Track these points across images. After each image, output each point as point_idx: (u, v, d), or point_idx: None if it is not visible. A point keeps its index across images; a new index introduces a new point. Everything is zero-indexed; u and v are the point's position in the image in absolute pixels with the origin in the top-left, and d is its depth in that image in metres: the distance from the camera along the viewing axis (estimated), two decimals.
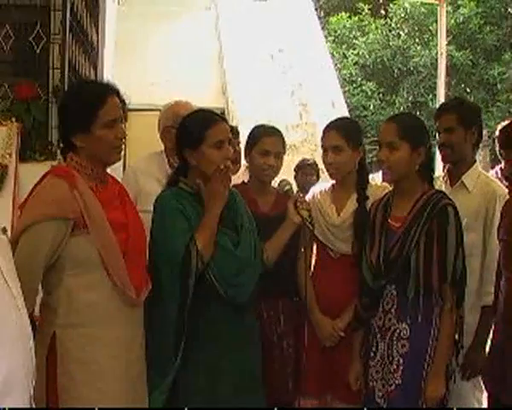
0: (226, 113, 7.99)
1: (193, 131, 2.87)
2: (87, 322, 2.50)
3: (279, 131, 3.38)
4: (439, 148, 3.52)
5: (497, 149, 3.65)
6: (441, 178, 3.54)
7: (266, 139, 3.30)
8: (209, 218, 2.80)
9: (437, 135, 3.48)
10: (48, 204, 2.45)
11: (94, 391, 2.48)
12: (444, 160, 3.48)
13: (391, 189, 3.15)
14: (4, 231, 2.32)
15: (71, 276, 2.49)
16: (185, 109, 3.79)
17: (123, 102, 2.64)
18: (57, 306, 2.49)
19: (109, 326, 2.53)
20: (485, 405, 3.40)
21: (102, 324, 2.52)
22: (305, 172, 6.10)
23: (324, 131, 3.29)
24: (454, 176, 3.48)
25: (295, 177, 6.03)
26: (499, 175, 5.44)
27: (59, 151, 3.92)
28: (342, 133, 3.20)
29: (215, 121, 2.88)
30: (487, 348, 3.22)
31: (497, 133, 3.75)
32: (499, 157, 3.82)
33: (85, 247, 2.48)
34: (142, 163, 3.91)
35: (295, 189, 3.78)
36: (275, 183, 3.38)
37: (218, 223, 2.84)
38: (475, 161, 3.52)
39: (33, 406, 1.85)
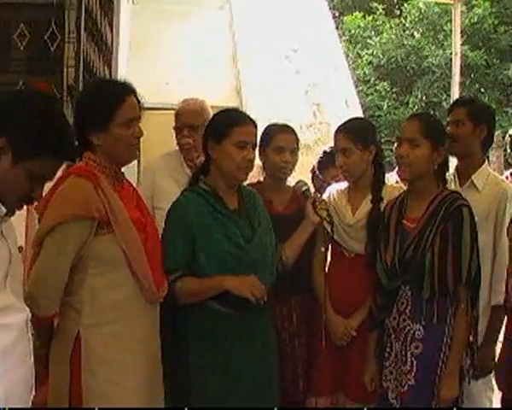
0: None
1: (220, 125, 2.89)
2: (111, 321, 2.51)
3: (292, 128, 3.39)
4: None
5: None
6: (449, 177, 3.51)
7: (280, 136, 3.30)
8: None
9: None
10: (74, 204, 2.44)
11: (118, 389, 2.50)
12: (450, 152, 3.45)
13: (406, 189, 3.14)
14: (20, 250, 2.32)
15: (94, 275, 2.50)
16: (186, 110, 3.79)
17: (139, 102, 2.65)
18: (81, 306, 2.49)
19: (132, 324, 2.55)
20: (496, 405, 3.38)
21: (126, 322, 2.53)
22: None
23: (334, 135, 3.30)
24: (463, 175, 3.46)
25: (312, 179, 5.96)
26: (510, 179, 5.41)
27: None
28: (350, 136, 3.20)
29: (244, 121, 2.88)
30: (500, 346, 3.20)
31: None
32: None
33: (109, 246, 2.49)
34: (159, 161, 3.93)
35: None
36: (290, 184, 3.37)
37: (233, 217, 2.85)
38: (484, 161, 3.50)
39: None
